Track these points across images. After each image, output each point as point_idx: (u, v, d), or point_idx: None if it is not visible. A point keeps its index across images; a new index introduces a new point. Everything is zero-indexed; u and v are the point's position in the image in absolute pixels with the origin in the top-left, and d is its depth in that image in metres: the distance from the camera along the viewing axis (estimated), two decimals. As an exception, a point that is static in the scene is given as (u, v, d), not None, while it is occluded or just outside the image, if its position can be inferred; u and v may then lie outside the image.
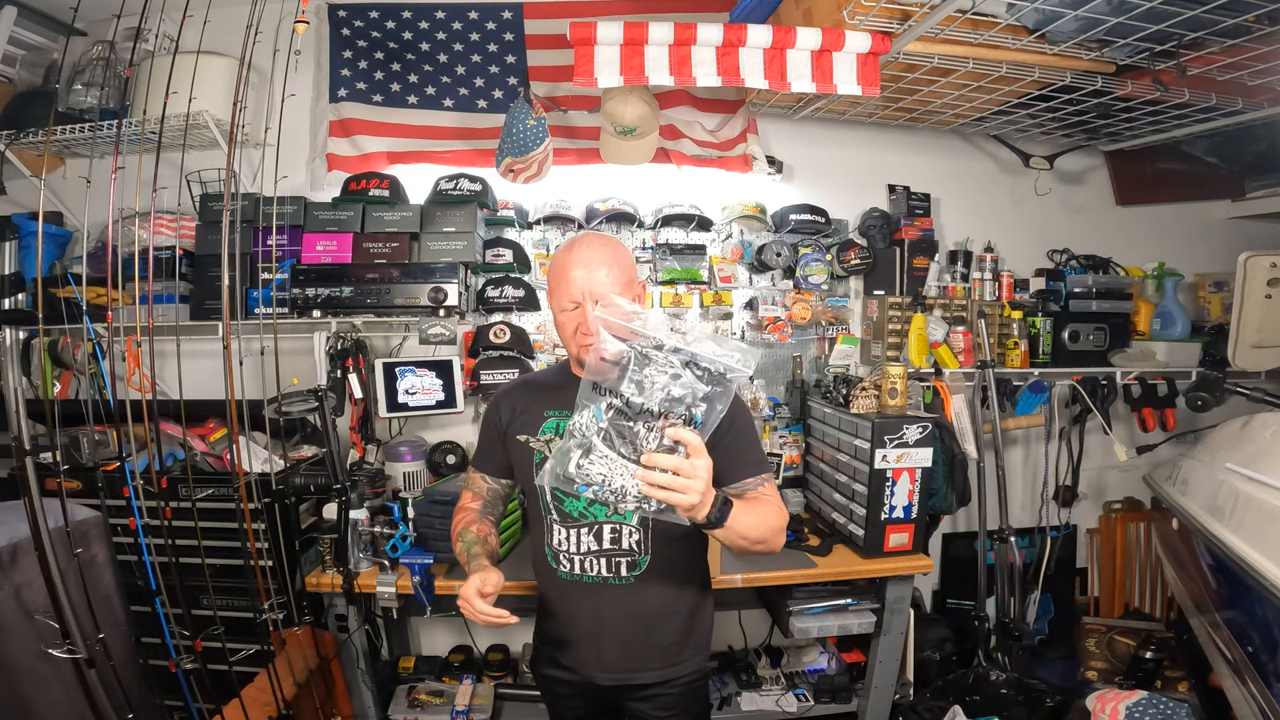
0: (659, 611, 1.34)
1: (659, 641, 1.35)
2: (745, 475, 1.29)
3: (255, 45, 1.71)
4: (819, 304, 2.59)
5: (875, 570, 2.03)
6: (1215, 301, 2.77)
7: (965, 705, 2.14)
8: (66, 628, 1.37)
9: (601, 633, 1.33)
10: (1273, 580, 1.41)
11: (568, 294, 1.26)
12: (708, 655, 1.43)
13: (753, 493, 1.28)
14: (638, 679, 1.34)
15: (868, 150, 2.70)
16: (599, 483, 1.02)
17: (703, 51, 1.94)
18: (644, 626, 1.33)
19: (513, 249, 2.43)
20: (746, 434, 1.32)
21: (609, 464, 1.01)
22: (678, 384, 1.00)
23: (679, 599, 1.36)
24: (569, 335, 1.29)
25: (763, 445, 1.38)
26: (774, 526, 1.22)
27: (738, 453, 1.28)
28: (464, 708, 2.18)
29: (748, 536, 1.16)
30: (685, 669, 1.37)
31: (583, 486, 1.02)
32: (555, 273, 1.30)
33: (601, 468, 1.02)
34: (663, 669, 1.35)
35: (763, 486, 1.30)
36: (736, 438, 1.28)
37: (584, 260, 1.26)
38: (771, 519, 1.22)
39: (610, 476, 1.01)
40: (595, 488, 1.02)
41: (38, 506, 1.37)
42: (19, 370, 2.22)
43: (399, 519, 1.96)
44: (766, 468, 1.33)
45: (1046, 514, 2.76)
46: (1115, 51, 1.91)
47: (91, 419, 1.81)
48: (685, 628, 1.37)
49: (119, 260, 1.92)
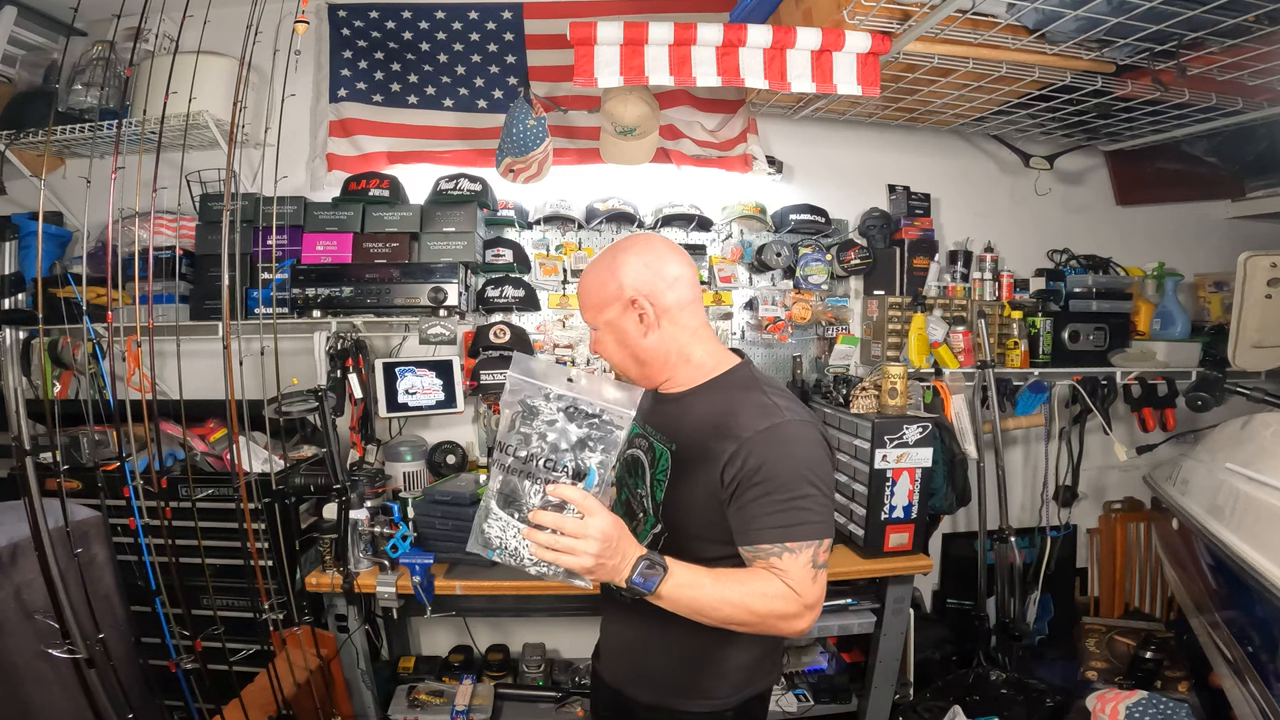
0: (651, 642, 1.21)
1: (653, 669, 1.23)
2: (761, 540, 1.02)
3: (255, 45, 1.71)
4: (819, 304, 2.59)
5: (875, 570, 2.02)
6: (1215, 301, 2.77)
7: (965, 705, 2.14)
8: (66, 628, 1.38)
9: (611, 639, 1.32)
10: (1273, 580, 1.41)
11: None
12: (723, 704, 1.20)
13: (761, 562, 1.02)
14: (637, 695, 1.26)
15: (868, 150, 2.70)
16: (497, 546, 0.96)
17: (703, 51, 1.94)
18: (641, 649, 1.25)
19: (513, 249, 2.43)
20: (790, 484, 1.02)
21: (504, 526, 0.95)
22: (553, 430, 0.94)
23: (681, 633, 1.10)
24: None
25: (808, 508, 1.03)
26: (754, 610, 0.99)
27: (765, 506, 1.02)
28: (464, 708, 2.17)
29: (704, 615, 0.98)
30: (685, 705, 1.20)
31: (490, 552, 0.96)
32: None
33: (498, 530, 0.96)
34: (657, 695, 1.22)
35: (780, 559, 1.01)
36: (769, 487, 1.02)
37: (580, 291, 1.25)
38: (753, 601, 0.98)
39: (505, 539, 0.95)
40: (497, 551, 0.96)
41: (38, 506, 1.37)
42: (19, 370, 2.22)
43: (399, 519, 1.96)
44: (798, 535, 1.01)
45: (1046, 514, 2.76)
46: (1115, 51, 1.91)
47: (91, 419, 1.81)
48: (678, 667, 1.20)
49: (119, 260, 1.92)
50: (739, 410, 1.08)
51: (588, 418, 0.95)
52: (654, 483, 1.16)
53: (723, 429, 1.07)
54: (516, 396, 0.97)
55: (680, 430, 1.14)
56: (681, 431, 1.14)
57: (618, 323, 1.16)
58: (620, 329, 1.17)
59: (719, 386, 1.16)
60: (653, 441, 1.19)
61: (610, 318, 1.17)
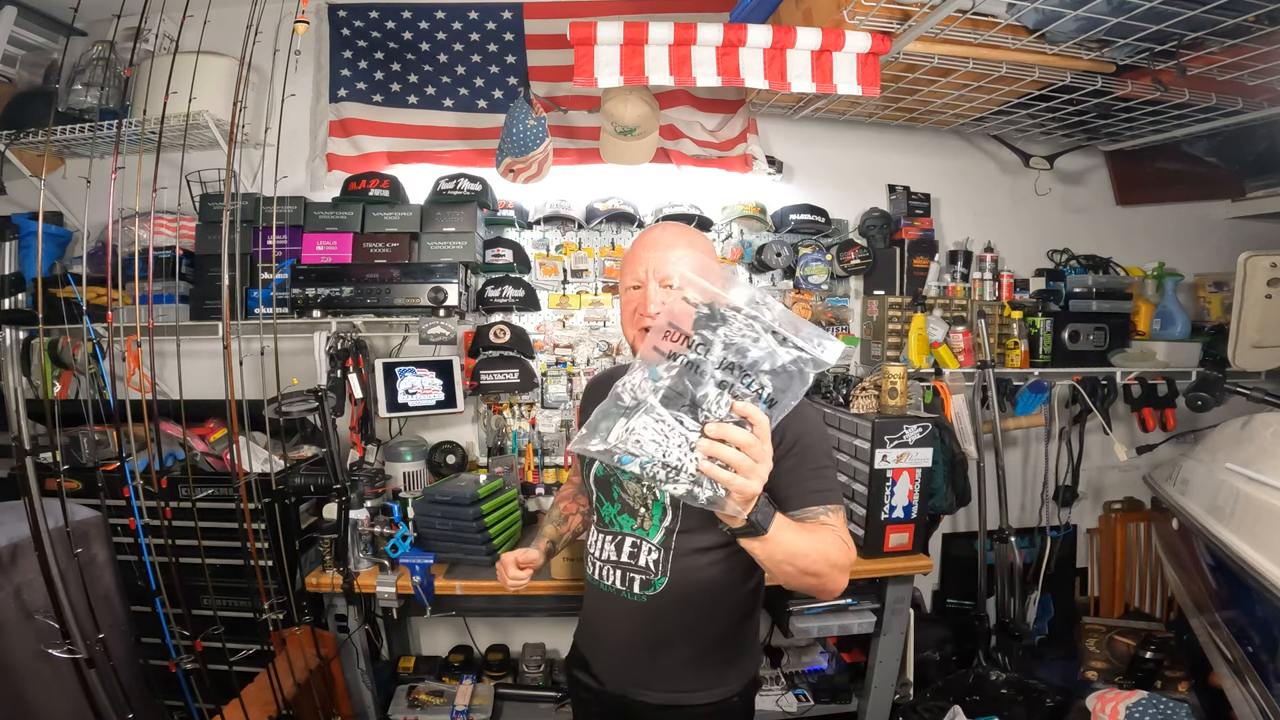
0: (669, 637, 1.22)
1: (665, 666, 1.24)
2: (808, 503, 1.09)
3: (255, 45, 1.71)
4: (819, 304, 2.59)
5: (875, 570, 2.02)
6: (1215, 301, 2.77)
7: (965, 705, 2.14)
8: (66, 628, 1.38)
9: (611, 643, 1.30)
10: (1273, 580, 1.41)
11: (633, 272, 1.20)
12: (733, 690, 1.26)
13: (812, 522, 1.08)
14: (643, 697, 1.25)
15: (868, 150, 2.70)
16: (649, 454, 0.83)
17: (703, 51, 1.94)
18: (649, 649, 1.24)
19: (513, 249, 2.43)
20: (816, 454, 1.13)
21: (666, 430, 0.83)
22: (756, 346, 0.85)
23: (698, 625, 1.21)
24: (628, 317, 1.22)
25: (836, 475, 1.16)
26: (831, 560, 1.02)
27: (802, 474, 1.10)
28: (464, 708, 2.17)
29: (795, 561, 0.98)
30: (697, 699, 1.23)
31: (626, 458, 0.84)
32: (628, 253, 1.25)
33: (654, 434, 0.83)
34: (669, 693, 1.24)
35: (828, 517, 1.09)
36: (803, 457, 1.11)
37: (655, 240, 1.20)
38: (830, 551, 1.02)
39: (663, 445, 0.83)
40: (641, 459, 0.83)
41: (38, 506, 1.37)
42: (19, 370, 2.22)
43: (399, 519, 1.96)
44: (836, 499, 1.11)
45: (1046, 514, 2.76)
46: (1115, 51, 1.91)
47: (91, 419, 1.81)
48: (700, 657, 1.24)
49: (119, 260, 1.92)
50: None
51: (796, 349, 0.87)
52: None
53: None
54: (708, 294, 0.88)
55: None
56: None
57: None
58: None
59: None
60: None
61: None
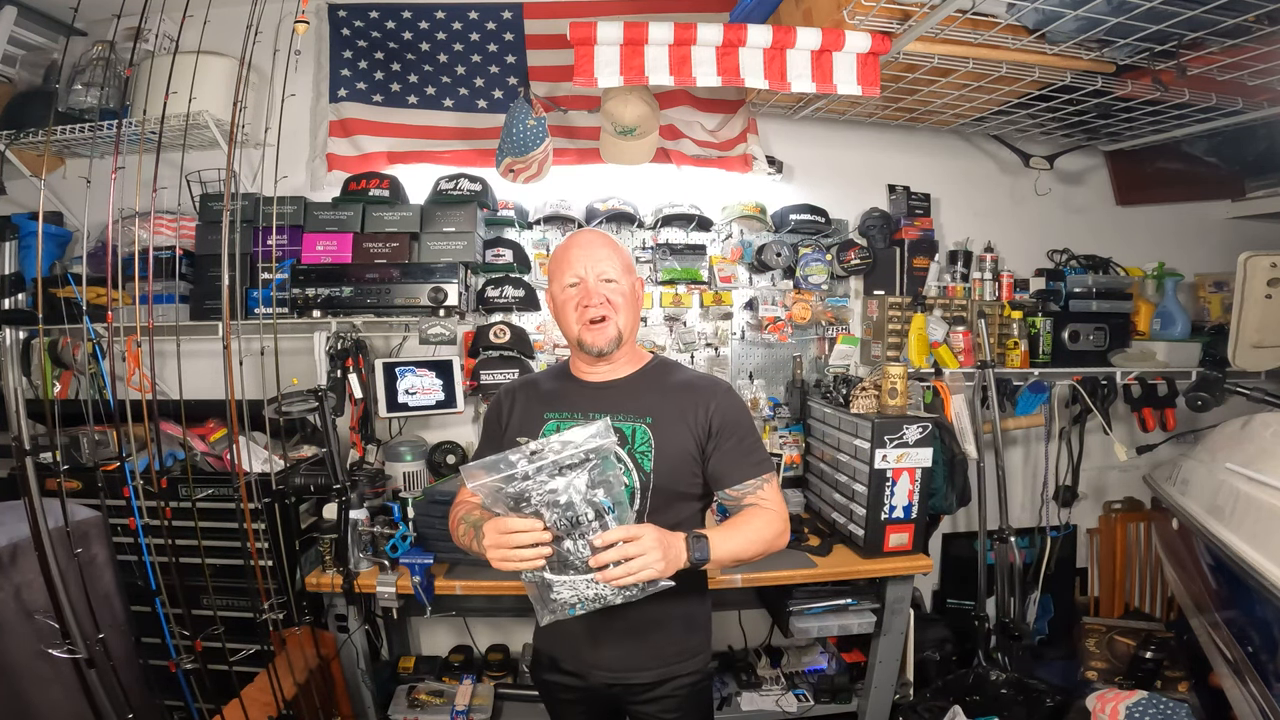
0: (656, 621, 1.32)
1: (656, 647, 1.34)
2: (745, 477, 1.30)
3: (255, 45, 1.71)
4: (819, 304, 2.59)
5: (875, 570, 2.02)
6: (1215, 301, 2.77)
7: (965, 705, 2.14)
8: (66, 628, 1.37)
9: (599, 638, 1.32)
10: (1273, 580, 1.41)
11: (569, 272, 1.32)
12: (709, 656, 1.42)
13: (750, 496, 1.30)
14: (636, 678, 1.33)
15: (868, 150, 2.70)
16: (575, 602, 1.09)
17: (703, 51, 1.94)
18: (640, 634, 1.32)
19: (513, 249, 2.43)
20: (745, 435, 1.33)
21: (571, 585, 1.08)
22: (562, 495, 1.05)
23: (676, 606, 1.32)
24: (570, 315, 1.32)
25: (763, 443, 1.41)
26: (766, 539, 1.25)
27: (737, 455, 1.30)
28: (464, 708, 2.17)
29: (740, 558, 1.22)
30: (685, 668, 1.36)
31: (571, 610, 1.10)
32: (555, 261, 1.36)
33: (569, 592, 1.09)
34: (660, 669, 1.34)
35: (762, 489, 1.31)
36: (736, 441, 1.31)
37: (582, 242, 1.35)
38: (764, 532, 1.25)
39: (580, 594, 1.09)
40: (578, 606, 1.10)
41: (38, 506, 1.37)
42: (19, 370, 2.22)
43: (399, 519, 1.96)
44: (767, 468, 1.33)
45: (1046, 514, 2.76)
46: (1115, 51, 1.91)
47: (91, 419, 1.81)
48: (684, 633, 1.36)
49: (119, 260, 1.92)
50: (694, 380, 1.36)
51: (580, 464, 1.06)
52: (637, 457, 1.28)
53: (694, 393, 1.32)
54: (500, 495, 1.07)
55: (653, 405, 1.31)
56: (656, 405, 1.31)
57: (637, 290, 1.38)
58: (636, 296, 1.37)
59: (661, 369, 1.39)
60: (620, 425, 1.28)
61: (633, 280, 1.36)
